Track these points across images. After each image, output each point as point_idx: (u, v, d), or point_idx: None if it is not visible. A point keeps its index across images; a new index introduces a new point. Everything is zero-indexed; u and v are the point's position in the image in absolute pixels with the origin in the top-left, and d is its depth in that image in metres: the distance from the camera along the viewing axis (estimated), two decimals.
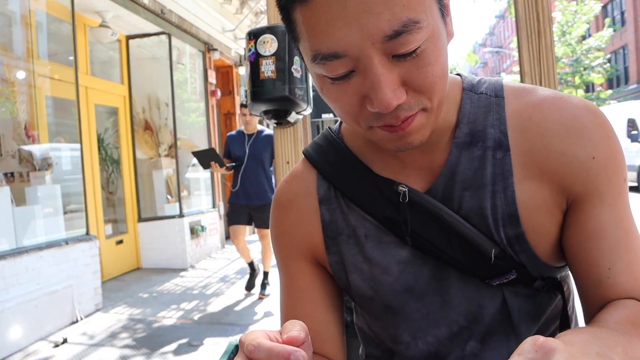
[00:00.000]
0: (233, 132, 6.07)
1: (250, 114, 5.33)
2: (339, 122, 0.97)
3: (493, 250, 0.80)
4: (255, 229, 6.01)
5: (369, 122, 0.71)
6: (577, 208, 0.80)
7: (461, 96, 0.85)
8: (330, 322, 0.93)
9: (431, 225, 0.82)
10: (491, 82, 0.87)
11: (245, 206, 5.76)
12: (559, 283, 0.88)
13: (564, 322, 0.89)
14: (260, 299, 5.87)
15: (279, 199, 0.96)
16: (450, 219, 0.81)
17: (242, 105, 5.79)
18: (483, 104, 0.84)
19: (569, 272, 0.91)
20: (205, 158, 5.64)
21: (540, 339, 0.49)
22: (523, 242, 0.81)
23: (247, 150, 5.75)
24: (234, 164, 5.76)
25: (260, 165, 5.76)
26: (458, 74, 0.90)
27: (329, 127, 0.96)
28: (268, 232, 5.47)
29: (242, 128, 5.90)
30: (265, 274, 6.04)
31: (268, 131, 5.88)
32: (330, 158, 0.92)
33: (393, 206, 0.84)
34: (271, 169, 5.90)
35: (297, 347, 0.55)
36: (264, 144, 5.77)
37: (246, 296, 5.96)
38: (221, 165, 5.59)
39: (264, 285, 5.99)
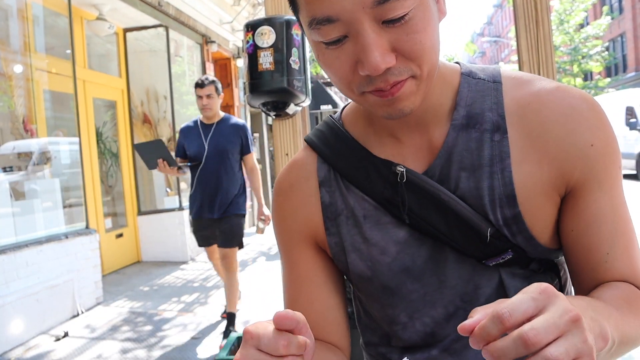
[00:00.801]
0: (188, 123, 4.60)
1: (208, 96, 4.32)
2: (340, 110, 0.99)
3: (489, 229, 0.82)
4: (218, 248, 4.51)
5: (361, 87, 0.74)
6: (576, 194, 0.82)
7: (459, 81, 0.87)
8: (333, 306, 0.95)
9: (428, 205, 0.84)
10: (489, 69, 0.89)
11: (210, 220, 4.42)
12: (556, 266, 0.90)
13: None
14: None
15: (280, 185, 0.98)
16: (447, 199, 0.83)
17: (197, 85, 4.34)
18: (481, 89, 0.86)
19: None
20: (150, 154, 4.30)
21: (543, 284, 0.52)
22: (520, 222, 0.82)
23: (206, 146, 4.33)
24: (188, 163, 4.42)
25: (226, 165, 4.36)
26: (457, 62, 0.92)
27: (330, 115, 0.99)
28: (233, 252, 4.36)
29: (200, 117, 4.52)
30: (231, 318, 4.36)
31: (236, 119, 4.55)
32: (331, 142, 0.94)
33: (391, 187, 0.86)
34: (240, 172, 4.51)
35: (291, 327, 0.57)
36: (231, 135, 4.38)
37: (246, 289, 5.97)
38: (171, 164, 4.22)
39: (227, 337, 4.18)
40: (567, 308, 0.50)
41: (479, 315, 0.53)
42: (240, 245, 4.47)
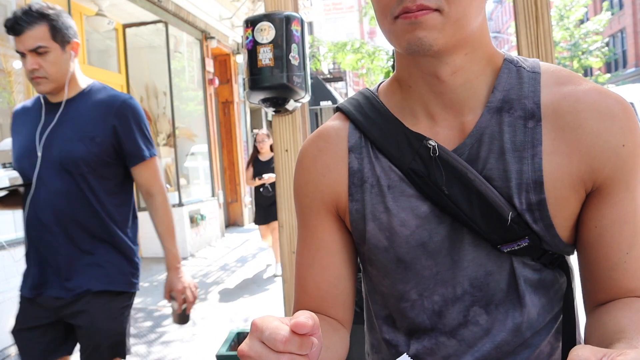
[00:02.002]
0: (26, 102, 2.26)
1: (39, 52, 2.07)
2: (377, 84, 1.01)
3: (510, 213, 0.83)
4: None
5: (393, 10, 0.78)
6: (603, 191, 0.84)
7: (501, 65, 0.89)
8: (344, 275, 0.97)
9: (454, 181, 0.85)
10: (530, 60, 0.92)
11: (44, 305, 2.27)
12: (566, 264, 0.91)
13: (568, 305, 0.91)
14: None
15: (307, 150, 0.99)
16: (473, 178, 0.84)
17: (8, 29, 2.23)
18: (520, 76, 0.88)
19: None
20: None
21: None
22: (543, 209, 0.83)
23: (38, 149, 2.09)
24: (7, 187, 2.38)
25: (82, 187, 2.08)
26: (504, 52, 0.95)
27: (367, 88, 1.01)
28: None
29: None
30: None
31: (113, 91, 2.17)
32: (366, 110, 0.96)
33: (420, 159, 0.87)
34: (126, 200, 2.48)
35: (306, 334, 0.57)
36: (94, 124, 2.06)
37: (247, 284, 5.98)
38: None
39: None
40: None
41: None
42: (123, 355, 2.15)
